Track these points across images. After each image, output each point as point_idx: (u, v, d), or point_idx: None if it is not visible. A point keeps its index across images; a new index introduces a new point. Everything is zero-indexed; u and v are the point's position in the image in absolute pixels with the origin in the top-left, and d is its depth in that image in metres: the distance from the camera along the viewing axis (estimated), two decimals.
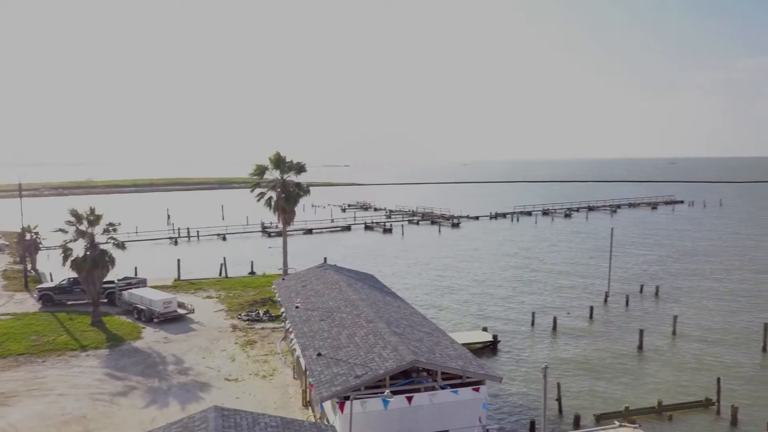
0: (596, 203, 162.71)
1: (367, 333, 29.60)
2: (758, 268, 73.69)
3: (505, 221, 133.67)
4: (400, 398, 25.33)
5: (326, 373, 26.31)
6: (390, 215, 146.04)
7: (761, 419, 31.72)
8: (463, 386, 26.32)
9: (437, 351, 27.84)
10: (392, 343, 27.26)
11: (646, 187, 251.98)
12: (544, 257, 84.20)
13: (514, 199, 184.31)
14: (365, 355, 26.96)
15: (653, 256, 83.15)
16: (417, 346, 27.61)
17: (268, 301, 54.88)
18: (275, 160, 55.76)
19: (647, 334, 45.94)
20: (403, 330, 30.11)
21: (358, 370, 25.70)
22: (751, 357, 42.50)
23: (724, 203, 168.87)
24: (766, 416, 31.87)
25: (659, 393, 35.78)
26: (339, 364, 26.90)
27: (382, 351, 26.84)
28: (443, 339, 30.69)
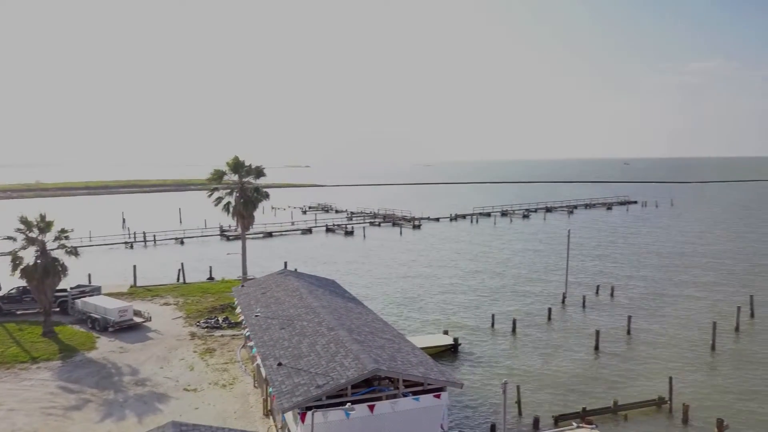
0: (554, 204, 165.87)
1: (328, 341, 29.47)
2: (706, 268, 76.26)
3: (465, 222, 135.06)
4: (362, 407, 25.30)
5: (287, 384, 26.08)
6: (351, 217, 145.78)
7: (710, 416, 32.82)
8: (424, 393, 26.46)
9: (399, 358, 27.91)
10: (354, 352, 27.21)
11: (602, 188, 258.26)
12: (504, 259, 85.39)
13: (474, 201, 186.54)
14: (327, 364, 26.84)
15: (608, 257, 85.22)
16: (379, 353, 27.62)
17: (228, 307, 54.11)
18: (233, 164, 54.97)
19: (603, 335, 47.07)
20: (364, 337, 30.09)
21: (320, 379, 25.56)
22: (701, 355, 43.97)
23: (675, 203, 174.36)
24: (715, 413, 33.00)
25: (615, 393, 36.72)
26: (300, 373, 26.71)
27: (344, 360, 26.76)
28: (405, 345, 30.78)
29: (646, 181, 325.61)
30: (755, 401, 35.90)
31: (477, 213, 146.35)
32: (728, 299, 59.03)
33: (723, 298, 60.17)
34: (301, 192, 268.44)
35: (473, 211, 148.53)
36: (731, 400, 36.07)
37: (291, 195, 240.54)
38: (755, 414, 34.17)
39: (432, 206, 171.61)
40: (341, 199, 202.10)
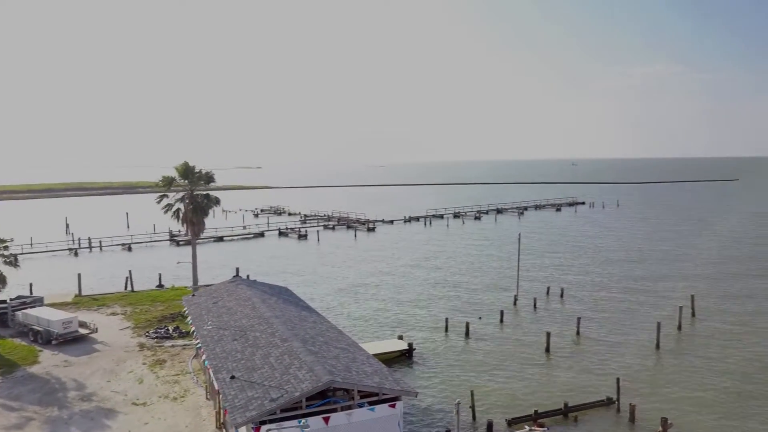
0: (504, 205, 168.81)
1: (282, 353, 29.13)
2: (650, 268, 79.02)
3: (419, 225, 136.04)
4: (316, 419, 25.12)
5: (240, 397, 25.65)
6: (305, 220, 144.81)
7: (655, 414, 33.95)
8: (379, 403, 26.47)
9: (353, 368, 27.82)
10: (308, 363, 26.98)
11: (552, 189, 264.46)
12: (457, 261, 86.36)
13: (427, 202, 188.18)
14: (281, 377, 26.52)
15: (558, 258, 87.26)
16: (333, 364, 27.47)
17: (178, 316, 52.89)
18: (182, 170, 53.74)
19: (554, 336, 48.09)
20: (319, 348, 29.87)
21: (274, 392, 25.23)
22: (647, 355, 45.44)
23: (621, 204, 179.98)
24: (660, 412, 34.15)
25: (566, 394, 37.56)
26: (254, 386, 26.30)
27: (298, 372, 26.50)
28: (359, 354, 30.71)
29: (594, 182, 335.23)
30: (697, 399, 37.30)
31: (430, 215, 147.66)
32: (671, 299, 61.21)
33: (666, 297, 62.36)
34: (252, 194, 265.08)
35: (426, 213, 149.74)
36: (675, 398, 37.36)
37: (242, 197, 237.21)
38: (698, 412, 35.49)
39: (386, 208, 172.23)
40: (294, 202, 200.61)
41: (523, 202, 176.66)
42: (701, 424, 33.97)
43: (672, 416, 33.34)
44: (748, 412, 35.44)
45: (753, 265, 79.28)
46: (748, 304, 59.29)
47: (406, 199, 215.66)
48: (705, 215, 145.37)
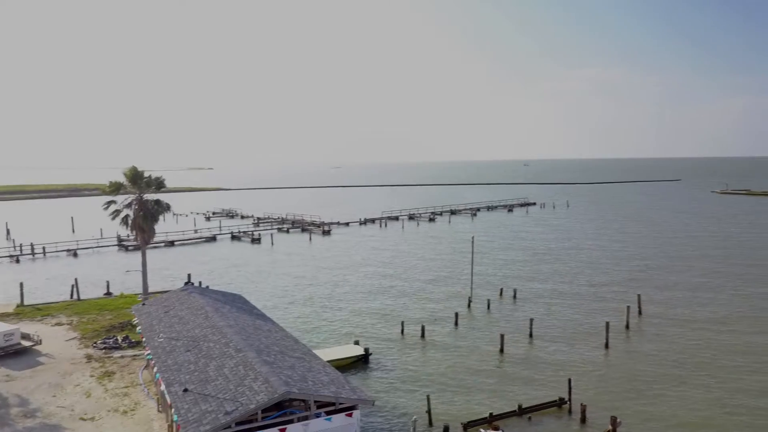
0: (458, 207, 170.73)
1: (236, 364, 28.63)
2: (599, 268, 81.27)
3: (374, 227, 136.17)
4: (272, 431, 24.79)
5: (194, 411, 25.09)
6: (258, 223, 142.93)
7: (606, 413, 34.87)
8: (336, 412, 26.34)
9: (310, 378, 27.59)
10: (263, 374, 26.60)
11: (504, 190, 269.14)
12: (412, 264, 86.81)
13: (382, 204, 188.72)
14: (235, 389, 26.07)
15: (510, 259, 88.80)
16: (289, 375, 27.17)
17: (128, 325, 51.35)
18: (131, 175, 52.19)
19: (507, 338, 48.85)
20: (274, 358, 29.50)
21: (228, 405, 24.78)
22: (597, 355, 46.67)
23: (571, 204, 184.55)
24: (610, 411, 35.10)
25: (520, 395, 38.21)
26: (207, 399, 25.77)
27: (253, 383, 26.10)
28: (315, 363, 30.49)
29: (545, 182, 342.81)
30: (645, 397, 38.51)
31: (386, 217, 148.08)
32: (619, 299, 63.04)
33: (614, 297, 64.20)
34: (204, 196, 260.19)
35: (382, 215, 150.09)
36: (624, 396, 38.48)
37: (194, 200, 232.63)
38: (646, 409, 36.62)
39: (341, 210, 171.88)
40: (247, 204, 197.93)
41: (476, 204, 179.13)
42: (650, 421, 35.06)
43: (621, 414, 34.31)
44: (695, 407, 36.78)
45: (695, 264, 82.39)
46: (692, 303, 61.52)
47: (362, 201, 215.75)
48: (651, 215, 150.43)
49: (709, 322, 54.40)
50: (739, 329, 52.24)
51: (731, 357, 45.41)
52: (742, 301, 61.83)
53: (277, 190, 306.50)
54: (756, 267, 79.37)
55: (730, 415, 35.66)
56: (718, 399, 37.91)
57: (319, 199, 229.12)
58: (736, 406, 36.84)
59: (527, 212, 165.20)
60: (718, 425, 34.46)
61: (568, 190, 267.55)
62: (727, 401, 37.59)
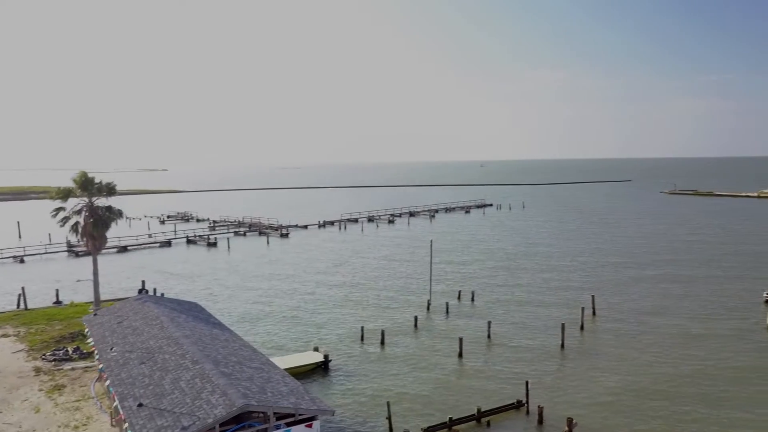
0: (417, 209, 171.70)
1: (193, 376, 28.07)
2: (555, 269, 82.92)
3: (333, 229, 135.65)
4: None
5: (149, 427, 24.48)
6: (214, 227, 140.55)
7: (562, 414, 35.59)
8: (296, 424, 26.11)
9: (269, 389, 27.26)
10: (221, 387, 26.15)
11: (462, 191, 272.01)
12: (372, 267, 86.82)
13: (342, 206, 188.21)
14: (192, 402, 25.55)
15: (468, 261, 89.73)
16: (247, 386, 26.79)
17: (79, 335, 49.78)
18: (81, 181, 50.48)
19: (466, 341, 49.32)
20: (232, 369, 29.03)
21: (185, 420, 24.27)
22: (553, 356, 47.56)
23: (527, 205, 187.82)
24: (566, 412, 35.86)
25: (479, 399, 38.61)
26: (163, 414, 25.18)
27: (211, 396, 25.63)
28: (274, 373, 30.15)
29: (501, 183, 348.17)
30: (600, 397, 39.41)
31: (345, 219, 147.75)
32: (573, 299, 64.42)
33: (569, 298, 65.55)
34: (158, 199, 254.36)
35: (341, 217, 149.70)
36: (580, 397, 39.31)
37: (147, 202, 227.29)
38: (601, 410, 37.51)
39: (300, 213, 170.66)
40: (203, 207, 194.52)
41: (434, 205, 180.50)
42: (605, 421, 35.90)
43: (577, 415, 35.14)
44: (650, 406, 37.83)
45: (646, 264, 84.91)
46: (644, 303, 63.31)
47: (321, 203, 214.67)
48: (604, 216, 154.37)
49: (660, 321, 56.12)
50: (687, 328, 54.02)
51: (683, 356, 46.93)
52: (691, 300, 63.98)
53: (234, 192, 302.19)
54: (704, 266, 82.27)
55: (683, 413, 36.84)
56: (671, 398, 39.12)
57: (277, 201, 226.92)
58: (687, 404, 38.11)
59: (484, 213, 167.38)
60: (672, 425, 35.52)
61: (524, 191, 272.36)
62: (679, 401, 38.82)
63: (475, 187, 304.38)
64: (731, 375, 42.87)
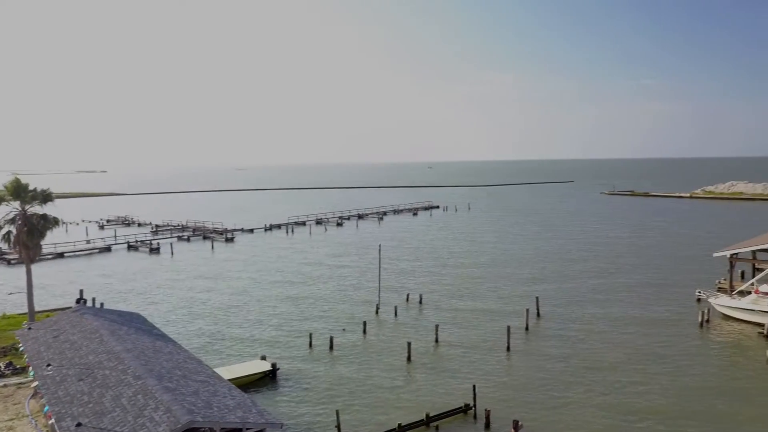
0: (365, 211, 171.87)
1: (135, 392, 27.20)
2: (500, 271, 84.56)
3: (281, 233, 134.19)
4: None
5: None
6: (157, 231, 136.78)
7: (509, 417, 36.30)
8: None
9: (215, 403, 26.71)
10: (165, 403, 25.44)
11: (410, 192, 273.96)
12: (320, 271, 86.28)
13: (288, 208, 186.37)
14: (134, 420, 24.75)
15: (416, 264, 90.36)
16: (193, 401, 26.16)
17: (11, 349, 47.41)
18: (13, 188, 48.08)
19: (414, 345, 49.69)
20: (176, 383, 28.29)
21: None
22: (499, 358, 48.40)
23: (472, 207, 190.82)
24: (512, 414, 36.58)
25: (427, 404, 38.90)
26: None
27: (154, 413, 24.90)
28: (221, 386, 29.56)
29: (448, 185, 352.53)
30: (547, 399, 40.32)
31: (292, 222, 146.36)
32: (519, 301, 65.74)
33: (514, 299, 66.90)
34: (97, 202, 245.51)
35: (288, 220, 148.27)
36: (526, 399, 40.14)
37: (85, 206, 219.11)
38: (547, 411, 38.39)
39: (246, 216, 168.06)
40: (144, 211, 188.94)
41: (382, 207, 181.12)
42: (551, 422, 36.77)
43: (523, 417, 35.90)
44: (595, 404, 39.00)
45: (589, 264, 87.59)
46: (587, 303, 65.22)
47: (267, 205, 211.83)
48: (544, 216, 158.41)
49: (600, 321, 57.98)
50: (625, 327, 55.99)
51: (623, 356, 48.58)
52: (628, 300, 66.35)
53: (177, 195, 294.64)
54: (641, 266, 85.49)
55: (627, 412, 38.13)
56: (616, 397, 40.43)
57: (222, 204, 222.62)
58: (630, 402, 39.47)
59: (431, 215, 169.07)
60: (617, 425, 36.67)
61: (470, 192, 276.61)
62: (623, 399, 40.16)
63: (423, 189, 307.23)
64: (667, 371, 44.66)
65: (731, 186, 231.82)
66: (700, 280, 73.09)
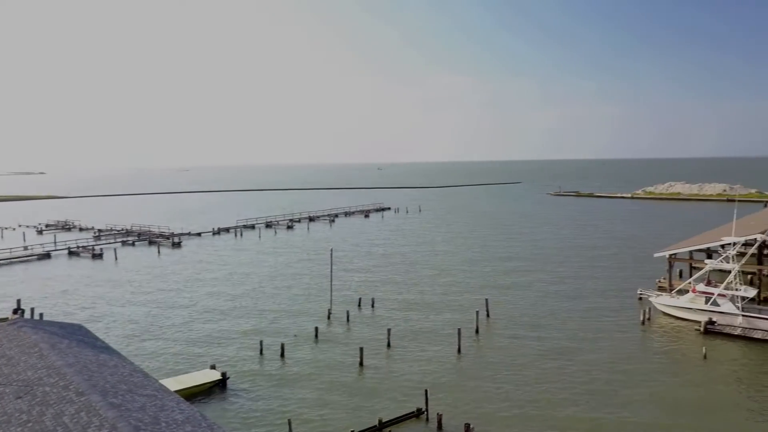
0: (316, 213, 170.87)
1: (78, 410, 26.14)
2: (451, 273, 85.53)
3: (229, 237, 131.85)
4: None
5: None
6: (99, 236, 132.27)
7: (460, 420, 36.77)
8: None
9: (162, 419, 25.94)
10: (110, 420, 24.53)
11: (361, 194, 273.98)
12: (270, 276, 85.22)
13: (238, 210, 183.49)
14: None
15: (368, 268, 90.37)
16: (140, 418, 25.34)
17: None
18: None
19: (367, 350, 49.70)
20: (121, 399, 27.35)
21: None
22: (450, 361, 48.92)
23: (423, 209, 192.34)
24: (464, 417, 37.07)
25: (381, 409, 39.01)
26: None
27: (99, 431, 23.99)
28: (169, 400, 28.74)
29: (398, 186, 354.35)
30: (496, 401, 41.05)
31: (241, 226, 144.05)
32: (469, 303, 66.61)
33: (465, 301, 67.78)
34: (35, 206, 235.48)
35: (237, 223, 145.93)
36: (477, 402, 40.71)
37: (22, 210, 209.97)
38: (498, 413, 39.04)
39: (193, 219, 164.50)
40: (86, 215, 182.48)
41: (334, 209, 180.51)
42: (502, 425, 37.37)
43: (474, 420, 36.43)
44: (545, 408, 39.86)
45: (537, 266, 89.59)
46: (535, 304, 66.72)
47: (215, 208, 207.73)
48: (492, 217, 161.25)
49: (546, 320, 59.40)
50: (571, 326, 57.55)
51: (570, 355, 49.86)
52: (574, 299, 68.23)
53: (121, 198, 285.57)
54: (585, 266, 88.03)
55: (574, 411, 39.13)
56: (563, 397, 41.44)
57: (167, 207, 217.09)
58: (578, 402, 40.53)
59: (383, 217, 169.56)
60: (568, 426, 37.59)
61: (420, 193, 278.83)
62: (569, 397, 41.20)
63: (376, 191, 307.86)
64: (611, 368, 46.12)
65: (670, 186, 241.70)
66: (642, 278, 75.97)
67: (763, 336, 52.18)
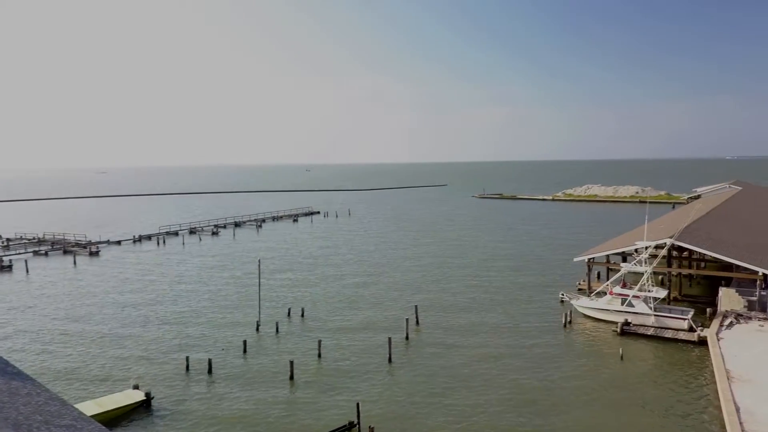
0: (242, 218, 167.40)
1: None
2: (378, 279, 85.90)
3: (151, 244, 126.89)
4: None
5: None
6: (8, 246, 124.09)
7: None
8: None
9: None
10: None
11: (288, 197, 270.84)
12: (195, 287, 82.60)
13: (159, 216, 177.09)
14: None
15: (297, 276, 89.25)
16: None
17: None
18: None
19: (297, 363, 49.17)
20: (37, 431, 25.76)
21: None
22: (381, 371, 49.03)
23: (352, 212, 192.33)
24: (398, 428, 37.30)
25: (312, 424, 38.68)
26: None
27: None
28: (89, 430, 27.32)
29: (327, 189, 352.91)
30: (428, 411, 41.44)
31: (164, 232, 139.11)
32: (399, 310, 67.17)
33: (394, 308, 68.25)
34: None
35: (159, 230, 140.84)
36: (409, 413, 40.96)
37: None
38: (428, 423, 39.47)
39: (112, 226, 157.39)
40: None
41: (261, 214, 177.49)
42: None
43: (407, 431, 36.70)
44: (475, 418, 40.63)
45: (464, 271, 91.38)
46: (462, 309, 67.93)
47: (136, 213, 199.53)
48: (423, 221, 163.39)
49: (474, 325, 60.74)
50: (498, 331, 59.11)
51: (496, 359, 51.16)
52: (499, 303, 70.09)
53: (31, 203, 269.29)
54: (510, 268, 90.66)
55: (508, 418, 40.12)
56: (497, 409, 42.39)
57: (84, 212, 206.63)
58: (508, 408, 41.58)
59: (312, 222, 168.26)
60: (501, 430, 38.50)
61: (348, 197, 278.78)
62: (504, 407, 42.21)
63: (304, 194, 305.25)
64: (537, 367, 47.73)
65: (587, 189, 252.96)
66: (564, 280, 79.04)
67: (673, 335, 55.46)
